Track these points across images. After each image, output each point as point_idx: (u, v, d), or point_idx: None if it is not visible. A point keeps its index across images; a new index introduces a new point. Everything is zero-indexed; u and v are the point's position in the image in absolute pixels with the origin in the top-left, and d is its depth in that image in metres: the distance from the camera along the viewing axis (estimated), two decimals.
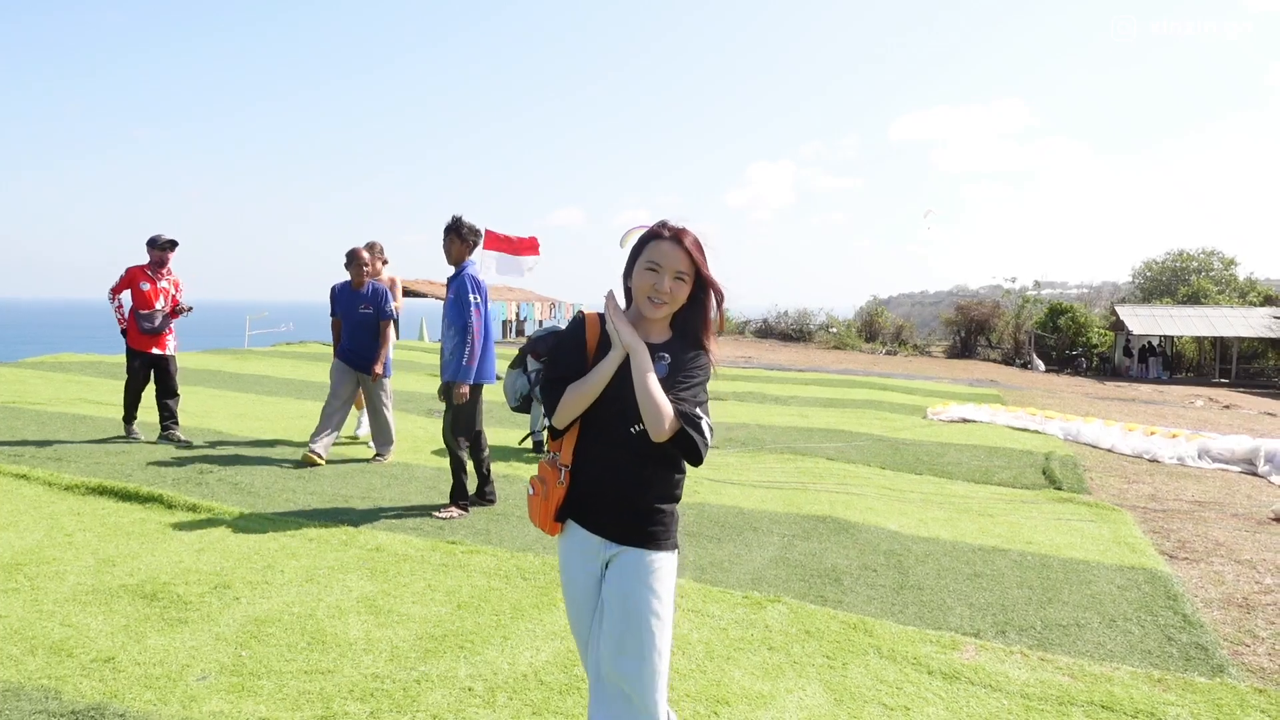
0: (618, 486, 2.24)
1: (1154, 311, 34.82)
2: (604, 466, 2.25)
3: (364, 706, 3.01)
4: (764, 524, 5.82)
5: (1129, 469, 8.99)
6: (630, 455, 2.22)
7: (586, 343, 2.29)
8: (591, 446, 2.27)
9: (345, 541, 4.86)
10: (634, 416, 2.18)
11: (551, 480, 2.32)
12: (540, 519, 2.34)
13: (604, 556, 2.27)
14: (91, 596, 3.89)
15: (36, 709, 2.88)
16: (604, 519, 2.26)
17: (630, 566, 2.23)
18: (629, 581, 2.22)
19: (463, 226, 5.70)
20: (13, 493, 5.51)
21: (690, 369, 2.26)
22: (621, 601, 2.21)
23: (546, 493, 2.32)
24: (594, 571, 2.27)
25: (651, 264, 2.22)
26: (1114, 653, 3.95)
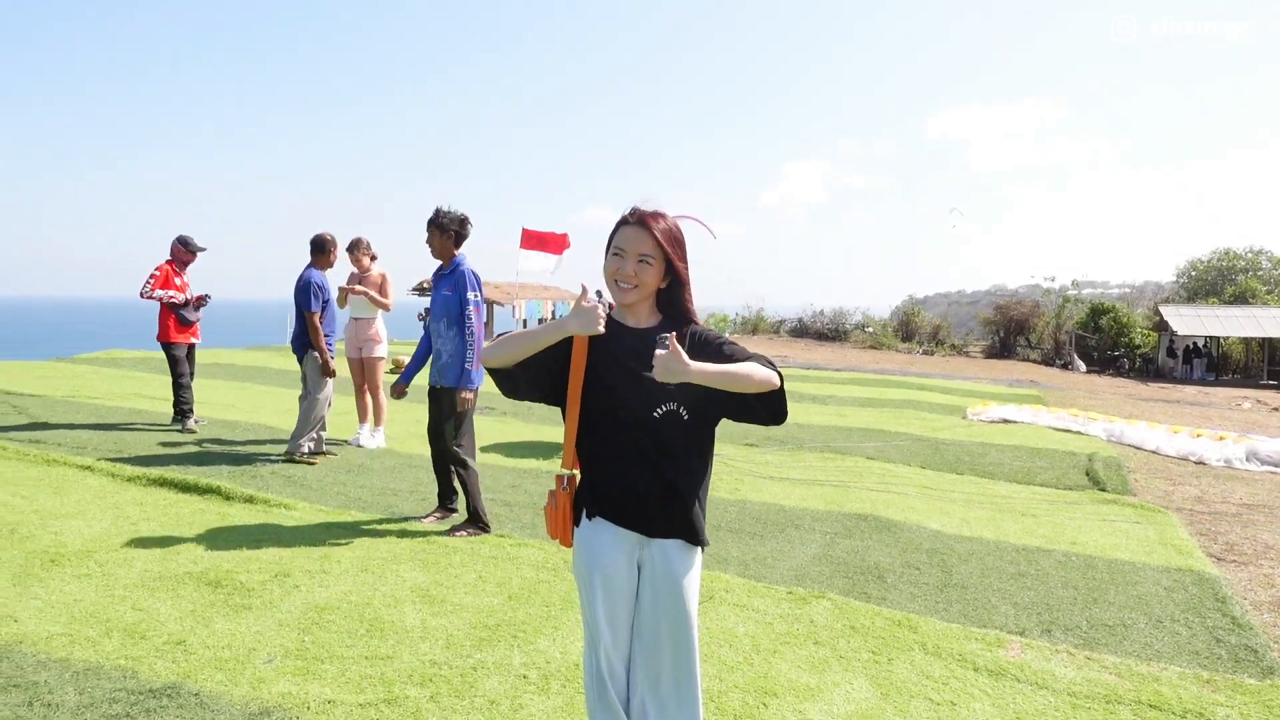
0: (641, 478, 2.22)
1: (1199, 311, 34.13)
2: (620, 461, 2.24)
3: (424, 691, 3.11)
4: (806, 521, 5.86)
5: (1174, 471, 8.88)
6: (645, 445, 2.21)
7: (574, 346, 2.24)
8: (602, 443, 2.26)
9: (397, 533, 4.99)
10: (650, 399, 2.16)
11: (556, 490, 2.34)
12: (553, 529, 2.35)
13: (636, 553, 2.28)
14: (159, 582, 4.04)
15: (116, 687, 3.02)
16: (636, 512, 2.24)
17: (668, 562, 2.24)
18: (668, 578, 2.24)
19: (442, 216, 5.20)
20: (79, 483, 5.72)
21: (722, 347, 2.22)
22: (657, 598, 2.25)
23: (556, 502, 2.34)
24: (629, 566, 2.27)
25: (616, 249, 2.23)
26: (1161, 653, 3.95)
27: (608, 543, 2.27)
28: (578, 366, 2.25)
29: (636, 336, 2.27)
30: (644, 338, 2.25)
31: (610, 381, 2.22)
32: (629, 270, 2.22)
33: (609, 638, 2.26)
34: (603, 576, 2.26)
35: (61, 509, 5.10)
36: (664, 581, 2.25)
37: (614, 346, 2.26)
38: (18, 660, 3.19)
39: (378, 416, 7.81)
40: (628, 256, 2.22)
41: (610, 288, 2.27)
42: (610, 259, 2.25)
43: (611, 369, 2.23)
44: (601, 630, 2.26)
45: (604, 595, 2.26)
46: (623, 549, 2.26)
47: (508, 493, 6.21)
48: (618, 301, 2.28)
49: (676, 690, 2.27)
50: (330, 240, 7.11)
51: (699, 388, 2.13)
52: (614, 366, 2.23)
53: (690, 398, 2.20)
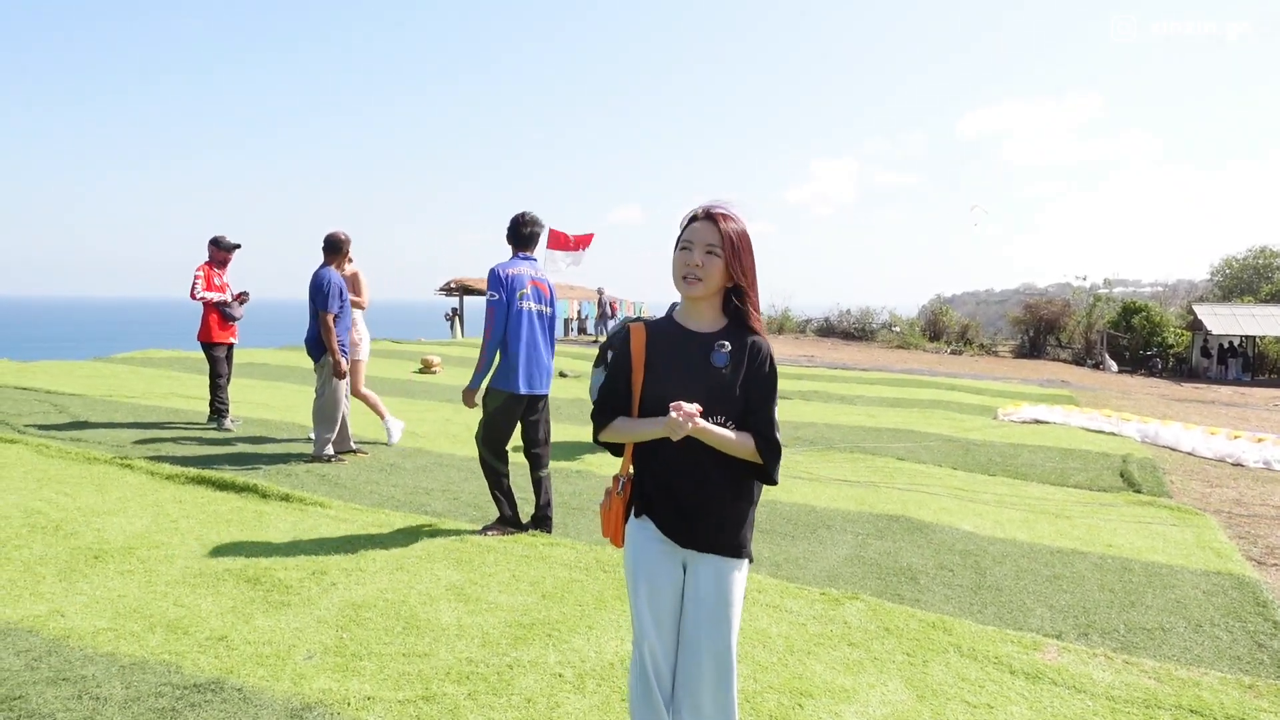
0: (684, 491, 2.24)
1: (1235, 310, 33.56)
2: (669, 470, 2.25)
3: (461, 688, 3.15)
4: (837, 522, 5.84)
5: (1211, 473, 8.74)
6: (694, 457, 2.21)
7: (633, 355, 2.30)
8: (655, 450, 2.27)
9: (430, 532, 5.03)
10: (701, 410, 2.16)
11: (612, 491, 2.37)
12: (605, 528, 2.39)
13: (681, 558, 2.29)
14: (199, 579, 4.11)
15: (161, 681, 3.08)
16: (676, 523, 2.25)
17: (711, 576, 2.25)
18: (707, 590, 2.24)
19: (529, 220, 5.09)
20: (119, 480, 5.83)
21: (760, 372, 2.24)
22: (697, 608, 2.26)
23: (610, 504, 2.36)
24: (674, 569, 2.29)
25: (684, 243, 2.24)
26: (1201, 657, 3.90)
27: (654, 544, 2.29)
28: (637, 370, 2.27)
29: (695, 341, 2.27)
30: (703, 343, 2.26)
31: (664, 386, 2.22)
32: (696, 260, 2.21)
33: (654, 635, 2.28)
34: (647, 576, 2.28)
35: (103, 506, 5.20)
36: (703, 593, 2.26)
37: (672, 350, 2.28)
38: (66, 654, 3.26)
39: (378, 412, 7.69)
40: (695, 248, 2.22)
41: (678, 284, 2.26)
42: (678, 253, 2.25)
43: (666, 373, 2.25)
44: (646, 628, 2.28)
45: (648, 595, 2.28)
46: (667, 551, 2.28)
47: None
48: (684, 295, 2.27)
49: (713, 696, 2.28)
50: (345, 239, 7.06)
51: (746, 402, 2.18)
52: (669, 371, 2.25)
53: (737, 411, 2.21)
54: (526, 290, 4.98)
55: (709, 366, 2.23)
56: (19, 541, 4.49)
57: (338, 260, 6.97)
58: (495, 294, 4.90)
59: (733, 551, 2.26)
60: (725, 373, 2.22)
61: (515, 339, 4.93)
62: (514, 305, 4.93)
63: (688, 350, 2.26)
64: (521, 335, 4.94)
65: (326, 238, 7.00)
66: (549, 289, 5.14)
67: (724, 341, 2.25)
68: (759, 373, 2.24)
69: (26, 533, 4.63)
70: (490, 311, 4.91)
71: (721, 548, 2.25)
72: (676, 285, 2.27)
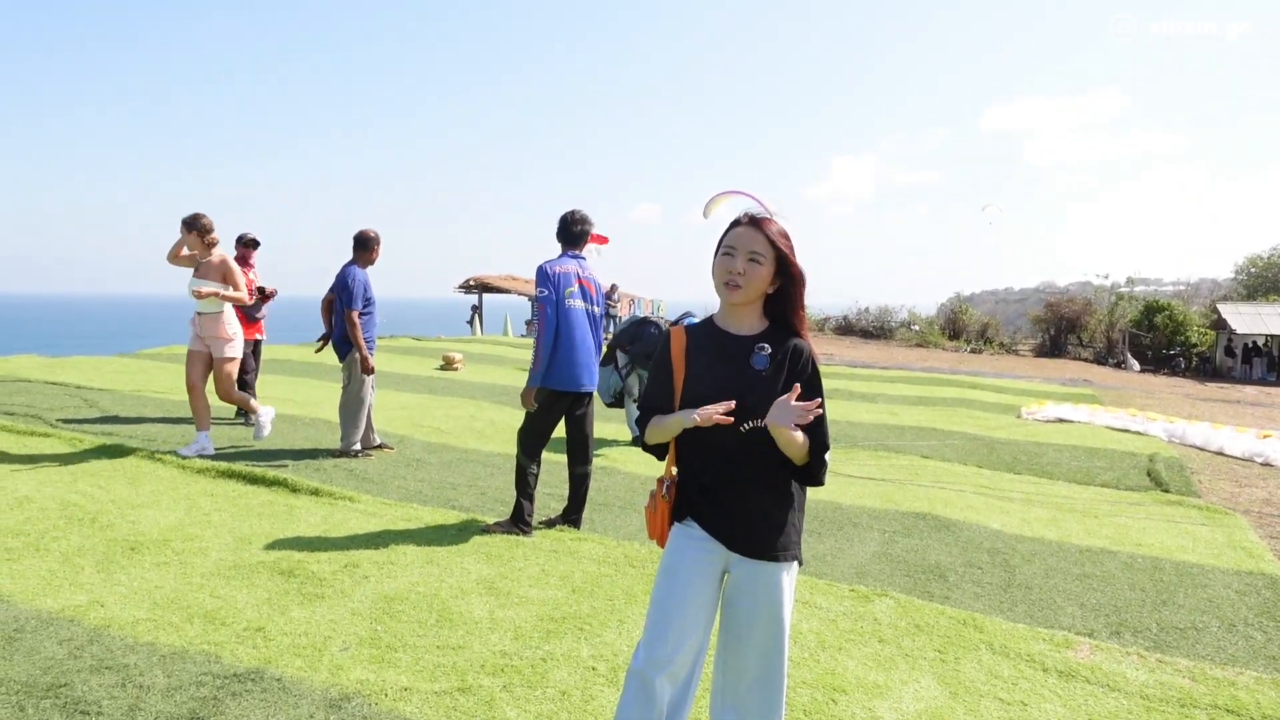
0: (730, 492, 2.23)
1: (1259, 309, 33.15)
2: (712, 472, 2.24)
3: (497, 681, 3.17)
4: (863, 519, 5.83)
5: (1240, 472, 8.66)
6: (739, 458, 2.21)
7: (673, 358, 2.31)
8: (696, 452, 2.26)
9: (458, 526, 5.07)
10: (740, 413, 2.16)
11: (657, 493, 2.35)
12: (651, 530, 2.37)
13: (725, 562, 2.27)
14: (234, 571, 4.16)
15: (202, 671, 3.12)
16: (721, 526, 2.24)
17: (757, 581, 2.23)
18: (758, 596, 2.22)
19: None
20: (151, 474, 5.91)
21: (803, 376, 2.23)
22: (739, 613, 2.25)
23: (655, 505, 2.35)
24: (712, 573, 2.26)
25: (727, 248, 2.23)
26: (1236, 657, 3.87)
27: (692, 547, 2.27)
28: (678, 373, 2.28)
29: (735, 344, 2.27)
30: (743, 345, 2.26)
31: (704, 389, 2.22)
32: (738, 267, 2.20)
33: (662, 636, 2.22)
34: (675, 577, 2.25)
35: (137, 499, 5.27)
36: (748, 596, 2.24)
37: (712, 353, 2.28)
38: (107, 643, 3.31)
39: (249, 408, 7.04)
40: (738, 254, 2.21)
41: (719, 289, 2.27)
42: (720, 259, 2.24)
43: (707, 376, 2.25)
44: (655, 628, 2.24)
45: (670, 595, 2.24)
46: (706, 554, 2.26)
47: (563, 487, 6.26)
48: (725, 300, 2.28)
49: (760, 701, 2.28)
50: (374, 237, 7.03)
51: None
52: (710, 374, 2.25)
53: None
54: (574, 288, 4.96)
55: (749, 369, 2.23)
56: (56, 533, 4.56)
57: (366, 258, 7.00)
58: (544, 290, 4.87)
59: (783, 555, 2.25)
60: (765, 375, 2.22)
61: (562, 336, 4.90)
62: (563, 303, 4.91)
63: (728, 353, 2.26)
64: (569, 333, 4.91)
65: (355, 235, 7.04)
66: (595, 287, 5.12)
67: (764, 344, 2.25)
68: (801, 376, 2.24)
69: (64, 524, 4.70)
70: (541, 309, 4.88)
71: (772, 551, 2.23)
72: (717, 290, 2.27)
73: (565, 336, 4.91)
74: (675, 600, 2.23)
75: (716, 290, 2.28)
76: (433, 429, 8.39)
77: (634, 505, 5.96)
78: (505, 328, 28.21)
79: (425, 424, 8.66)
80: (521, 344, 22.40)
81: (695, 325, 2.37)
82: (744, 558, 2.24)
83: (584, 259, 5.12)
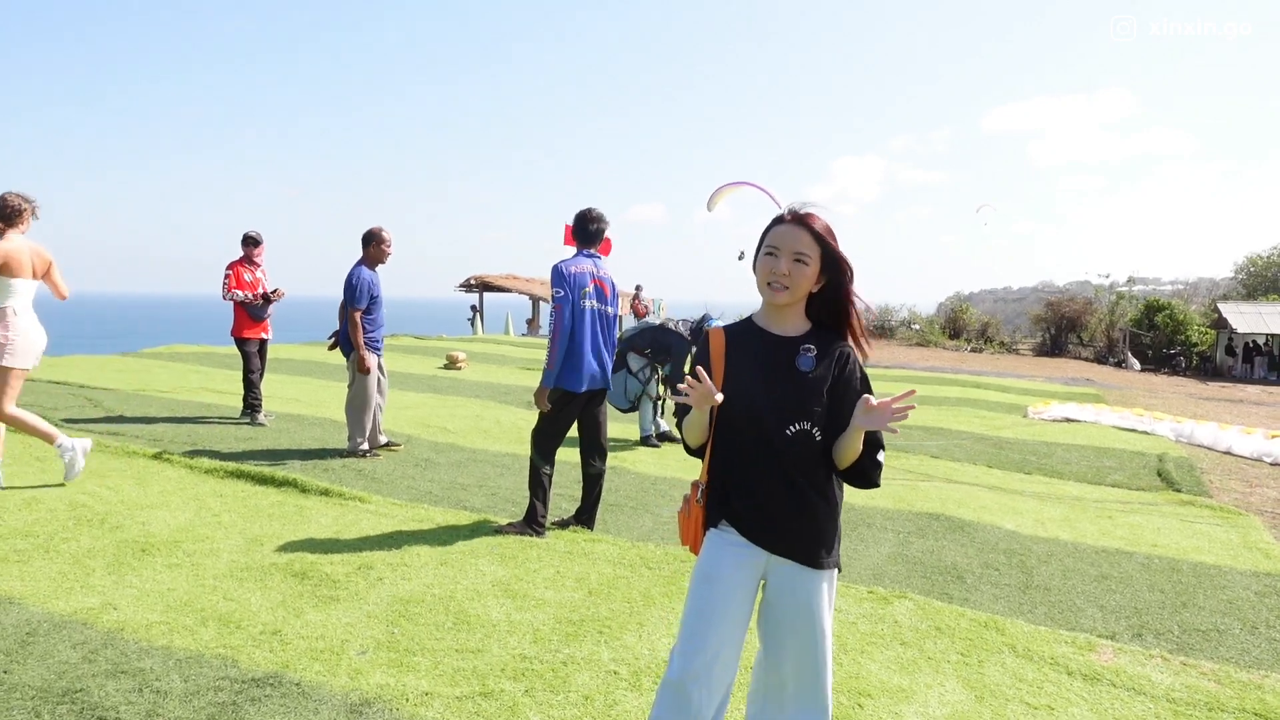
0: (774, 497, 2.16)
1: (1260, 309, 33.12)
2: (755, 475, 2.17)
3: (518, 685, 3.13)
4: (877, 520, 5.79)
5: (1249, 472, 8.63)
6: (783, 462, 2.14)
7: (712, 359, 2.24)
8: (734, 454, 2.19)
9: (471, 527, 5.02)
10: (785, 416, 2.12)
11: (691, 498, 2.30)
12: (685, 535, 2.31)
13: (763, 569, 2.21)
14: (246, 573, 4.12)
15: (219, 675, 3.08)
16: (763, 531, 2.17)
17: (798, 588, 2.17)
18: (799, 604, 2.17)
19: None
20: (159, 474, 5.86)
21: (852, 378, 2.19)
22: (780, 618, 2.20)
23: (689, 511, 2.29)
24: (749, 579, 2.20)
25: (770, 248, 2.17)
26: (1261, 660, 3.84)
27: (730, 553, 2.20)
28: (717, 375, 2.21)
29: (780, 345, 2.22)
30: (787, 347, 2.21)
31: (746, 391, 2.16)
32: (783, 269, 2.15)
33: (700, 646, 2.15)
34: (714, 584, 2.18)
35: (145, 500, 5.22)
36: (787, 602, 2.19)
37: (755, 354, 2.22)
38: (121, 647, 3.26)
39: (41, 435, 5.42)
40: (782, 255, 2.15)
41: (762, 290, 2.21)
42: (764, 259, 2.18)
43: (749, 378, 2.18)
44: (693, 637, 2.17)
45: (708, 603, 2.17)
46: (745, 561, 2.20)
47: (575, 488, 6.22)
48: (769, 301, 2.22)
49: (803, 712, 2.23)
50: (376, 234, 6.94)
51: (833, 411, 2.11)
52: (751, 376, 2.19)
53: (825, 420, 2.15)
54: (589, 288, 4.90)
55: (794, 370, 2.17)
56: (66, 534, 4.51)
57: (373, 256, 6.96)
58: (560, 290, 4.81)
59: (826, 561, 2.19)
60: (811, 377, 2.17)
61: (576, 337, 4.85)
62: (578, 303, 4.85)
63: (772, 354, 2.20)
64: (582, 334, 4.86)
65: (363, 234, 7.01)
66: (610, 287, 5.06)
67: (809, 345, 2.19)
68: (850, 380, 2.19)
69: (73, 525, 4.65)
70: (557, 309, 4.82)
71: (816, 558, 2.17)
72: (761, 291, 2.22)
73: (580, 337, 4.86)
74: (713, 608, 2.17)
75: (760, 290, 2.22)
76: (439, 429, 8.35)
77: (646, 506, 5.92)
78: (506, 327, 28.17)
79: (432, 424, 8.62)
80: (523, 343, 22.35)
81: (734, 325, 2.32)
82: (785, 564, 2.18)
83: (600, 258, 5.05)
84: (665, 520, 5.56)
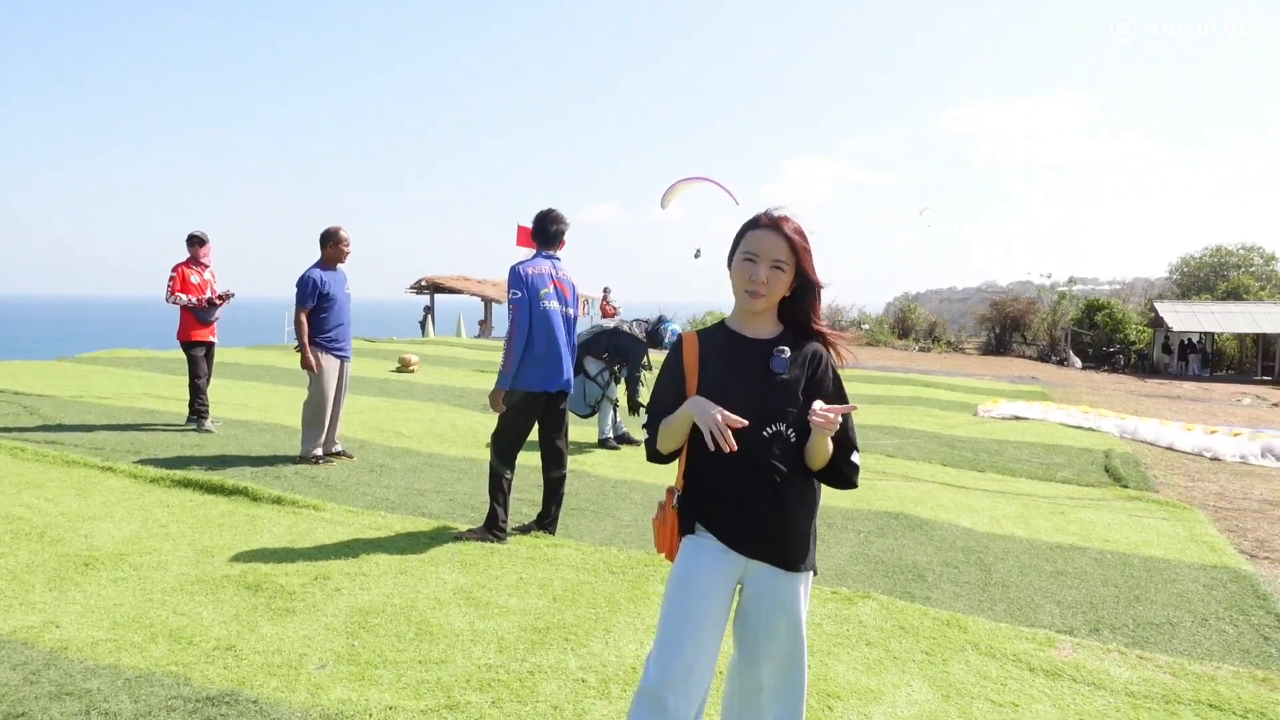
0: (751, 500, 2.15)
1: (1194, 308, 34.26)
2: (731, 479, 2.16)
3: (484, 696, 3.06)
4: (837, 520, 5.83)
5: (1191, 467, 8.89)
6: (760, 465, 2.13)
7: (685, 363, 2.23)
8: (713, 459, 2.15)
9: (430, 534, 4.92)
10: (760, 418, 2.10)
11: (666, 504, 2.28)
12: (661, 542, 2.29)
13: (740, 573, 2.20)
14: (197, 586, 3.98)
15: (171, 695, 2.96)
16: (741, 535, 2.16)
17: (776, 591, 2.16)
18: (777, 608, 2.16)
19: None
20: (101, 484, 5.64)
21: (825, 379, 2.19)
22: (756, 622, 2.19)
23: (664, 517, 2.28)
24: (726, 584, 2.18)
25: (749, 254, 2.15)
26: (1212, 651, 3.93)
27: (707, 558, 2.18)
28: (690, 379, 2.20)
29: (753, 348, 2.20)
30: (761, 349, 2.19)
31: (721, 395, 2.13)
32: (762, 276, 2.14)
33: (678, 653, 2.12)
34: (691, 590, 2.15)
35: (88, 511, 5.02)
36: (765, 606, 2.18)
37: (728, 357, 2.20)
38: (65, 667, 3.12)
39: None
40: (761, 261, 2.14)
41: (740, 296, 2.20)
42: (741, 264, 2.17)
43: (723, 381, 2.16)
44: (670, 643, 2.14)
45: (686, 609, 2.15)
46: (722, 566, 2.18)
47: (535, 492, 6.15)
48: (746, 307, 2.21)
49: (780, 714, 2.22)
50: (333, 233, 6.78)
51: (807, 413, 2.09)
52: (727, 380, 2.17)
53: (801, 421, 2.14)
54: (549, 289, 4.84)
55: (768, 373, 2.16)
56: (2, 549, 4.31)
57: (327, 255, 6.80)
58: (517, 292, 4.76)
59: (804, 564, 2.20)
60: (785, 379, 2.16)
61: (536, 338, 4.79)
62: (537, 305, 4.78)
63: (745, 357, 2.19)
64: (542, 335, 4.81)
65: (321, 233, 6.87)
66: (570, 289, 5.00)
67: (783, 347, 2.18)
68: (822, 380, 2.20)
69: (10, 540, 4.45)
70: (514, 310, 4.77)
71: (794, 561, 2.17)
72: (738, 296, 2.21)
73: (540, 338, 4.80)
74: (691, 615, 2.14)
75: (737, 295, 2.21)
76: (394, 433, 8.20)
77: (607, 509, 5.87)
78: (458, 329, 27.87)
79: (385, 428, 8.46)
80: (476, 345, 22.13)
81: (707, 330, 2.30)
82: (762, 568, 2.17)
83: (559, 260, 5.00)
84: (626, 524, 5.52)
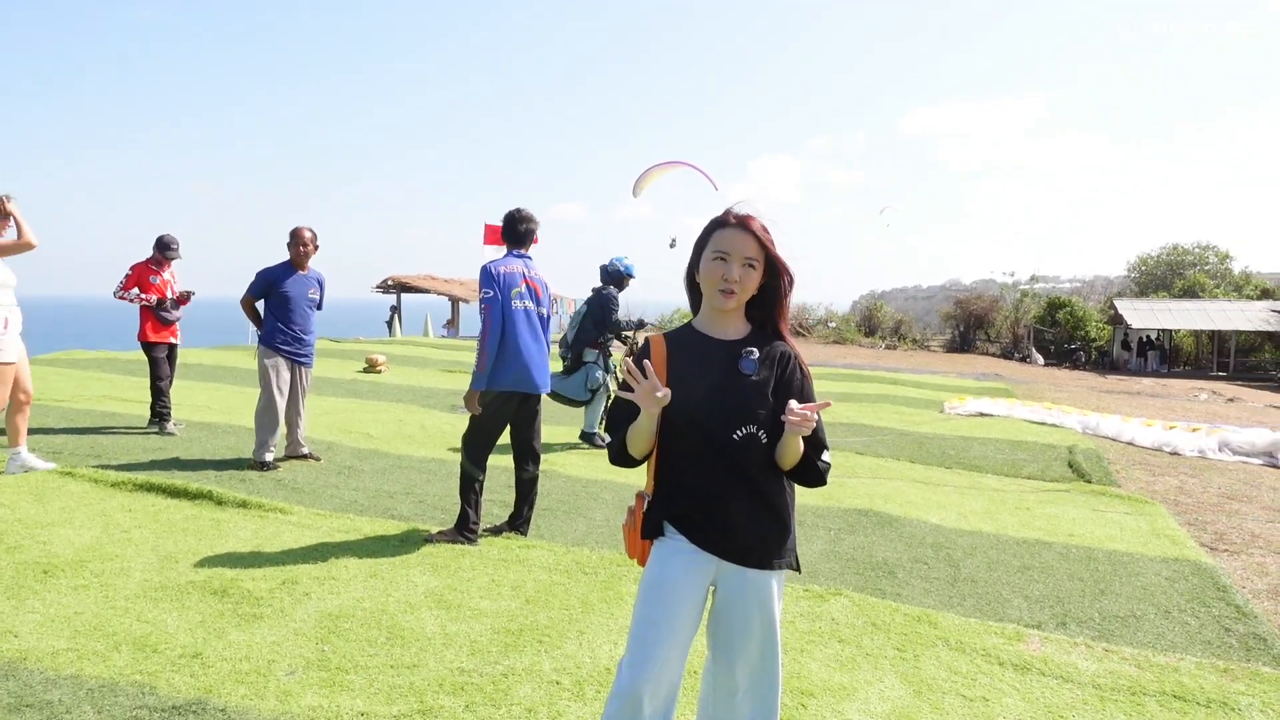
0: (723, 501, 2.14)
1: (1153, 305, 34.95)
2: (703, 481, 2.15)
3: (457, 700, 3.03)
4: (808, 517, 5.86)
5: (1152, 462, 9.06)
6: (731, 466, 2.13)
7: (653, 366, 2.18)
8: (680, 460, 2.17)
9: (400, 537, 4.87)
10: (731, 420, 2.11)
11: (636, 509, 2.27)
12: (632, 548, 2.27)
13: (713, 574, 2.19)
14: (161, 593, 3.90)
15: (136, 704, 2.89)
16: (713, 536, 2.15)
17: (750, 591, 2.16)
18: (751, 607, 2.16)
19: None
20: (60, 489, 5.51)
21: (793, 379, 2.19)
22: (730, 623, 2.18)
23: (634, 523, 2.26)
24: (701, 586, 2.18)
25: (719, 253, 2.14)
26: (1175, 643, 4.00)
27: (679, 561, 2.17)
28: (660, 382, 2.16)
29: (721, 349, 2.19)
30: (729, 350, 2.19)
31: (691, 397, 2.12)
32: (734, 275, 2.13)
33: (651, 656, 2.12)
34: (663, 593, 2.15)
35: (46, 517, 4.90)
36: (738, 607, 2.18)
37: (696, 359, 2.19)
38: (25, 678, 3.04)
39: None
40: (732, 260, 2.13)
41: (711, 296, 2.18)
42: (712, 263, 2.15)
43: (693, 384, 2.15)
44: (643, 647, 2.13)
45: (658, 613, 2.14)
46: (694, 568, 2.17)
47: (505, 493, 6.11)
48: (718, 307, 2.19)
49: (755, 713, 2.23)
50: (294, 233, 6.70)
51: (777, 413, 2.09)
52: (695, 381, 2.15)
53: (771, 422, 2.14)
54: (520, 289, 4.81)
55: (737, 374, 2.15)
56: None
57: (292, 254, 6.71)
58: (489, 291, 4.73)
59: (780, 562, 2.19)
60: (754, 380, 2.16)
61: (508, 337, 4.76)
62: (508, 304, 4.76)
63: (714, 358, 2.18)
64: (514, 334, 4.77)
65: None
66: (542, 288, 4.97)
67: (751, 348, 2.18)
68: (791, 380, 2.19)
69: None
70: (486, 310, 4.73)
71: (769, 559, 2.17)
72: (709, 296, 2.19)
73: (511, 337, 4.76)
74: (663, 618, 2.13)
75: (708, 295, 2.20)
76: (361, 434, 8.10)
77: (579, 510, 5.85)
78: (425, 328, 27.63)
79: (353, 429, 8.36)
80: (443, 345, 21.95)
81: (674, 332, 2.29)
82: (735, 568, 2.16)
83: (530, 259, 4.97)
84: (598, 524, 5.50)
